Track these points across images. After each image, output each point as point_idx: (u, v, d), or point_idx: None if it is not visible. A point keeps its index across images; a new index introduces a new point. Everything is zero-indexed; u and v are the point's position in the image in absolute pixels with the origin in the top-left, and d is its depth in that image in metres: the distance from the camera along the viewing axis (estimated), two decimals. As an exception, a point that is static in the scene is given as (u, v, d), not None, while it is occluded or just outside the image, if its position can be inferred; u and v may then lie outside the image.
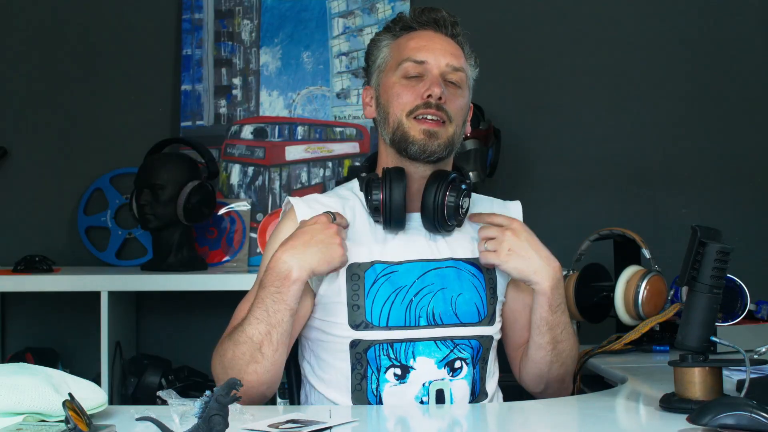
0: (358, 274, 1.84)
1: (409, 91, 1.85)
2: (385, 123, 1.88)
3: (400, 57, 1.87)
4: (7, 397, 1.49)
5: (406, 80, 1.86)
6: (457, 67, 1.87)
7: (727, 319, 2.44)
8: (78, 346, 3.14)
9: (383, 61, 1.91)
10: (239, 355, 1.75)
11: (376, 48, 1.94)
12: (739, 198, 3.25)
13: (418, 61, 1.85)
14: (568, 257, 2.67)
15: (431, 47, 1.87)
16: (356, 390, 1.83)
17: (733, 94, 3.27)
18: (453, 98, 1.86)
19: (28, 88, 3.24)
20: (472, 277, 1.88)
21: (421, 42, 1.88)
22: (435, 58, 1.86)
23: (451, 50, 1.88)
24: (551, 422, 1.73)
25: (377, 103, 1.91)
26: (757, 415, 1.44)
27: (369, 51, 1.96)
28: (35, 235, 3.17)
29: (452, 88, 1.87)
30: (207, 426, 1.38)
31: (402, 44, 1.90)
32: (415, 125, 1.84)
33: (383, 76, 1.90)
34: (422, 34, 1.89)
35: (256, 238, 3.11)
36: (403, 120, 1.85)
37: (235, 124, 3.18)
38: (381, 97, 1.90)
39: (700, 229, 1.67)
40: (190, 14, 3.21)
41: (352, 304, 1.83)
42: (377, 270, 1.84)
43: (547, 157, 3.24)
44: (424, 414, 1.79)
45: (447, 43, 1.89)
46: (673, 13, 3.27)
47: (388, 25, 1.96)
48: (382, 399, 1.83)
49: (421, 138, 1.84)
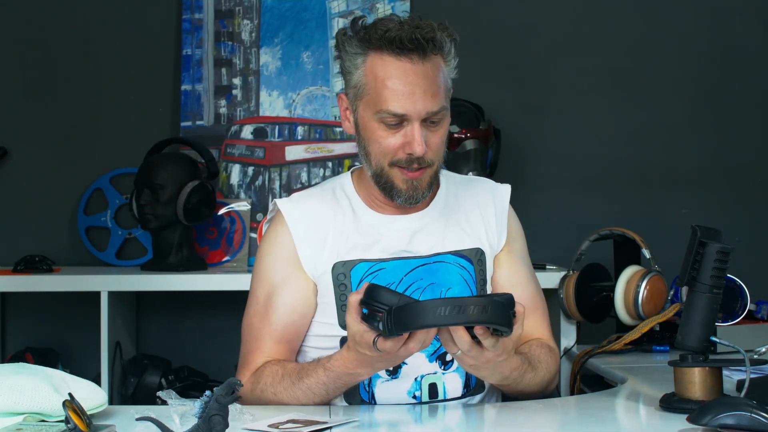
0: (344, 273, 1.84)
1: (390, 138, 1.78)
2: (366, 156, 1.84)
3: (376, 101, 1.77)
4: (7, 397, 1.49)
5: (385, 127, 1.78)
6: (436, 110, 1.78)
7: (727, 319, 2.44)
8: (78, 346, 3.14)
9: (359, 85, 1.80)
10: (286, 404, 1.78)
11: (349, 59, 1.81)
12: (739, 198, 3.25)
13: (397, 114, 1.76)
14: (568, 257, 2.68)
15: (409, 92, 1.75)
16: (349, 389, 1.83)
17: (733, 95, 3.27)
18: (432, 138, 1.79)
19: (28, 88, 3.23)
20: (461, 270, 1.88)
21: (398, 85, 1.76)
22: (414, 106, 1.75)
23: (431, 90, 1.76)
24: (551, 422, 1.73)
25: (356, 128, 1.85)
26: (757, 415, 1.44)
27: (341, 56, 1.83)
28: (35, 235, 3.17)
29: (431, 127, 1.79)
30: (207, 426, 1.38)
31: (378, 79, 1.77)
32: (399, 174, 1.81)
33: (360, 105, 1.81)
34: (398, 69, 1.76)
35: (256, 238, 3.11)
36: (385, 167, 1.81)
37: (235, 124, 3.18)
38: (359, 127, 1.83)
39: (700, 229, 1.67)
40: (190, 14, 3.21)
41: (341, 304, 1.83)
42: (363, 269, 1.84)
43: (547, 157, 3.23)
44: (423, 414, 1.79)
45: (425, 80, 1.76)
46: (673, 14, 3.27)
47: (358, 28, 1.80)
48: (374, 395, 1.83)
49: (406, 189, 1.82)
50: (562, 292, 2.61)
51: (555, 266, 2.84)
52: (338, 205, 1.90)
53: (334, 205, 1.90)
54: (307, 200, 1.92)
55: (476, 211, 1.95)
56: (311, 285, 1.86)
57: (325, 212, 1.89)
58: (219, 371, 3.01)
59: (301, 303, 1.87)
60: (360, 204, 1.90)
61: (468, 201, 1.95)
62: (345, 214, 1.89)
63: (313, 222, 1.88)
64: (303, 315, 1.87)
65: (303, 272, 1.86)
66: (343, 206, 1.90)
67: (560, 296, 2.60)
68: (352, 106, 1.84)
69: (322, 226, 1.88)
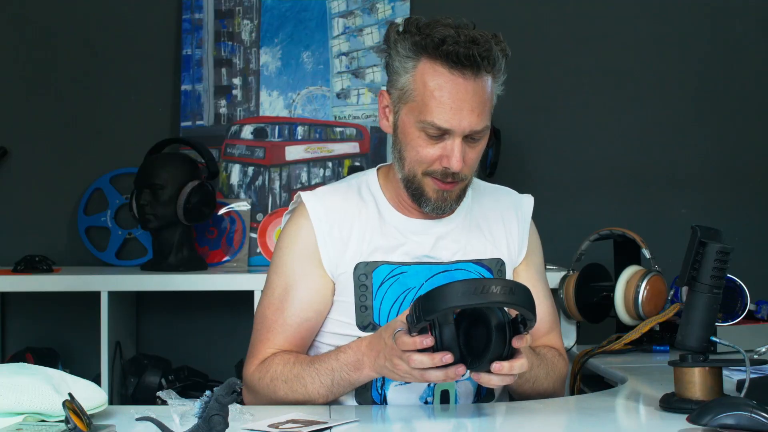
0: (366, 274, 1.83)
1: (429, 148, 1.77)
2: (400, 160, 1.82)
3: (422, 110, 1.75)
4: (7, 397, 1.49)
5: (426, 136, 1.77)
6: (480, 129, 1.77)
7: (727, 319, 2.44)
8: (78, 346, 3.14)
9: (406, 89, 1.78)
10: (292, 399, 1.79)
11: (400, 59, 1.78)
12: (739, 198, 3.25)
13: (441, 128, 1.75)
14: (568, 257, 2.68)
15: (457, 108, 1.73)
16: (361, 388, 1.83)
17: (733, 95, 3.27)
18: (470, 153, 1.79)
19: (28, 88, 3.23)
20: None
21: (446, 99, 1.73)
22: (459, 122, 1.74)
23: (478, 108, 1.75)
24: (551, 422, 1.73)
25: (394, 130, 1.83)
26: (757, 415, 1.45)
27: (390, 54, 1.80)
28: (35, 235, 3.17)
29: (471, 143, 1.79)
30: (207, 426, 1.38)
31: (427, 88, 1.74)
32: (431, 184, 1.80)
33: (403, 108, 1.79)
34: (449, 82, 1.74)
35: (256, 238, 3.11)
36: (418, 174, 1.80)
37: (235, 124, 3.18)
38: (399, 129, 1.81)
39: (700, 229, 1.67)
40: (190, 14, 3.21)
41: (360, 304, 1.83)
42: (385, 271, 1.84)
43: (547, 157, 3.24)
44: (426, 413, 1.79)
45: (474, 97, 1.74)
46: (673, 14, 3.27)
47: (413, 30, 1.76)
48: (386, 399, 1.83)
49: (436, 198, 1.81)
50: (562, 292, 2.61)
51: (555, 266, 2.84)
52: (363, 204, 1.88)
53: (359, 204, 1.88)
54: (333, 196, 1.89)
55: (500, 221, 1.94)
56: (329, 283, 1.86)
57: (350, 210, 1.87)
58: (219, 371, 3.01)
59: (318, 300, 1.85)
60: (386, 204, 1.89)
61: (492, 211, 1.94)
62: (370, 214, 1.87)
63: (337, 220, 1.86)
64: (318, 312, 1.86)
65: (322, 270, 1.85)
66: (369, 206, 1.88)
67: (560, 296, 2.60)
68: (395, 108, 1.81)
69: (346, 224, 1.86)
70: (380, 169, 1.93)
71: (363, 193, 1.90)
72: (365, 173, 1.94)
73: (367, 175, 1.93)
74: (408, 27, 1.78)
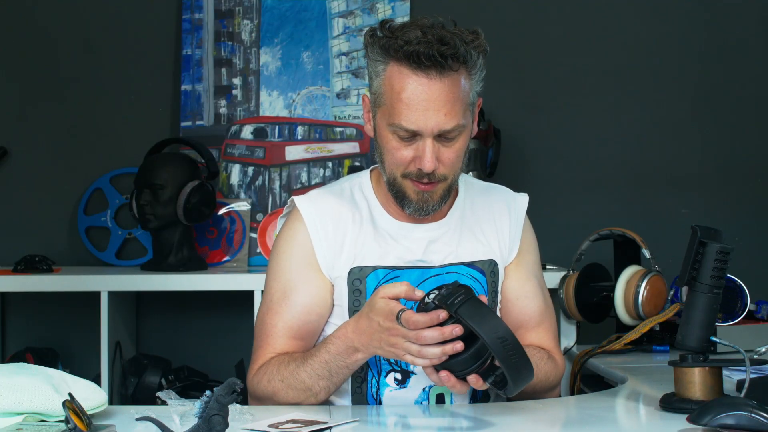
0: (360, 279, 1.84)
1: (403, 150, 1.77)
2: (381, 163, 1.83)
3: (391, 113, 1.75)
4: (7, 397, 1.49)
5: (398, 138, 1.77)
6: (450, 128, 1.75)
7: (727, 319, 2.44)
8: (78, 346, 3.14)
9: (378, 92, 1.79)
10: (293, 397, 1.78)
11: (372, 64, 1.79)
12: (739, 198, 3.25)
13: (408, 130, 1.74)
14: (568, 257, 2.68)
15: (423, 109, 1.72)
16: (356, 393, 1.83)
17: (733, 95, 3.27)
18: (446, 153, 1.77)
19: (28, 88, 3.24)
20: (473, 281, 1.87)
21: (412, 100, 1.73)
22: (426, 123, 1.73)
23: (446, 108, 1.73)
24: (551, 422, 1.73)
25: (374, 132, 1.84)
26: (757, 415, 1.45)
27: (367, 59, 1.81)
28: (35, 235, 3.17)
29: (446, 142, 1.77)
30: (207, 426, 1.38)
31: (394, 90, 1.74)
32: (410, 185, 1.79)
33: (378, 112, 1.80)
34: (413, 83, 1.73)
35: (256, 238, 3.11)
36: (398, 177, 1.80)
37: (235, 124, 3.18)
38: (377, 133, 1.82)
39: (700, 229, 1.67)
40: (190, 14, 3.21)
41: (354, 309, 1.82)
42: (379, 275, 1.83)
43: (547, 157, 3.24)
44: (424, 413, 1.79)
45: (441, 96, 1.73)
46: (673, 14, 3.27)
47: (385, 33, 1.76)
48: (381, 403, 1.83)
49: (417, 200, 1.80)
50: (562, 292, 2.61)
51: (555, 266, 2.84)
52: (356, 208, 1.88)
53: (351, 208, 1.88)
54: (326, 199, 1.89)
55: (491, 220, 1.93)
56: (328, 285, 1.86)
57: (343, 214, 1.87)
58: (219, 371, 3.01)
59: (319, 303, 1.85)
60: (378, 208, 1.88)
61: (484, 211, 1.93)
62: (363, 218, 1.87)
63: (331, 223, 1.86)
64: (320, 315, 1.86)
65: (320, 273, 1.85)
66: (362, 210, 1.88)
67: (560, 296, 2.61)
68: (372, 112, 1.82)
69: (340, 228, 1.86)
70: (373, 171, 1.93)
71: (356, 196, 1.90)
72: (358, 175, 1.94)
73: (360, 178, 1.93)
74: (380, 30, 1.78)
